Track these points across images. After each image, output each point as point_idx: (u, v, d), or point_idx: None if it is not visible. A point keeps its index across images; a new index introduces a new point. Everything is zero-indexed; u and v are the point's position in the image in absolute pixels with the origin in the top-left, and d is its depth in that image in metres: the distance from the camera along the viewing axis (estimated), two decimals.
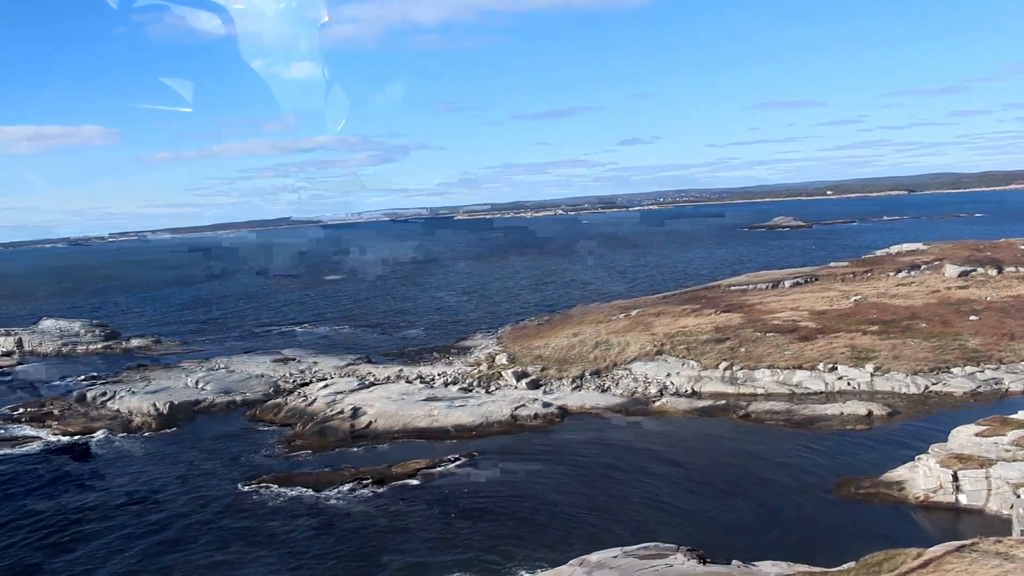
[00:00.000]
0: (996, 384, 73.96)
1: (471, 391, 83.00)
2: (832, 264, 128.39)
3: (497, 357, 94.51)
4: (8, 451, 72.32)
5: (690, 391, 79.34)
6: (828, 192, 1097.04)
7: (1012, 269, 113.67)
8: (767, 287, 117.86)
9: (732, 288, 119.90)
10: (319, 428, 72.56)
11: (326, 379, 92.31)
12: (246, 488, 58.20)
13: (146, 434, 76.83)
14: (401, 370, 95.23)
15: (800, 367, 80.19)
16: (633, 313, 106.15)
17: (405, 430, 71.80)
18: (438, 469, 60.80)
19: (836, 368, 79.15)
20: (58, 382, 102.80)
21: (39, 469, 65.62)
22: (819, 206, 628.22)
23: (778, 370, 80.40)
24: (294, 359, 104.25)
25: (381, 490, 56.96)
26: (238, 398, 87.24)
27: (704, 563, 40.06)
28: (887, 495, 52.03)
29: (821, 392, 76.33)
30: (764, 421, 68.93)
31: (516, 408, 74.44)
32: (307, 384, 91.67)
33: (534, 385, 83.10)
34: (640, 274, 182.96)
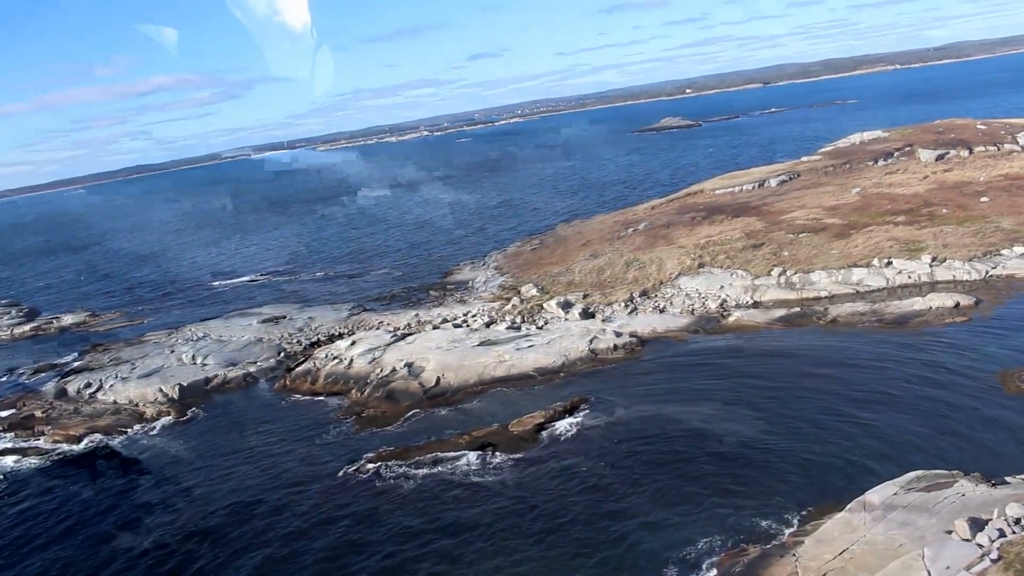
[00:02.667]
0: None
1: (519, 329, 76.44)
2: (804, 159, 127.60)
3: (523, 288, 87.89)
4: (14, 466, 60.71)
5: (751, 302, 75.91)
6: (687, 90, 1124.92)
7: (982, 148, 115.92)
8: (753, 187, 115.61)
9: (718, 192, 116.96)
10: (384, 393, 64.42)
11: (340, 335, 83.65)
12: (362, 473, 50.26)
13: (170, 425, 66.22)
14: (417, 315, 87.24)
15: (855, 265, 78.08)
16: (641, 227, 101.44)
17: (482, 381, 64.82)
18: (563, 422, 54.61)
19: (891, 263, 77.49)
20: (4, 377, 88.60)
21: (81, 491, 54.59)
22: (691, 104, 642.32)
23: (834, 270, 77.98)
24: (283, 317, 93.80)
25: (520, 455, 50.44)
26: (251, 369, 77.23)
27: (994, 486, 36.57)
28: None
29: (883, 288, 74.58)
30: (856, 324, 66.25)
31: (591, 342, 68.71)
32: (317, 344, 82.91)
33: (587, 314, 77.40)
34: (587, 187, 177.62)
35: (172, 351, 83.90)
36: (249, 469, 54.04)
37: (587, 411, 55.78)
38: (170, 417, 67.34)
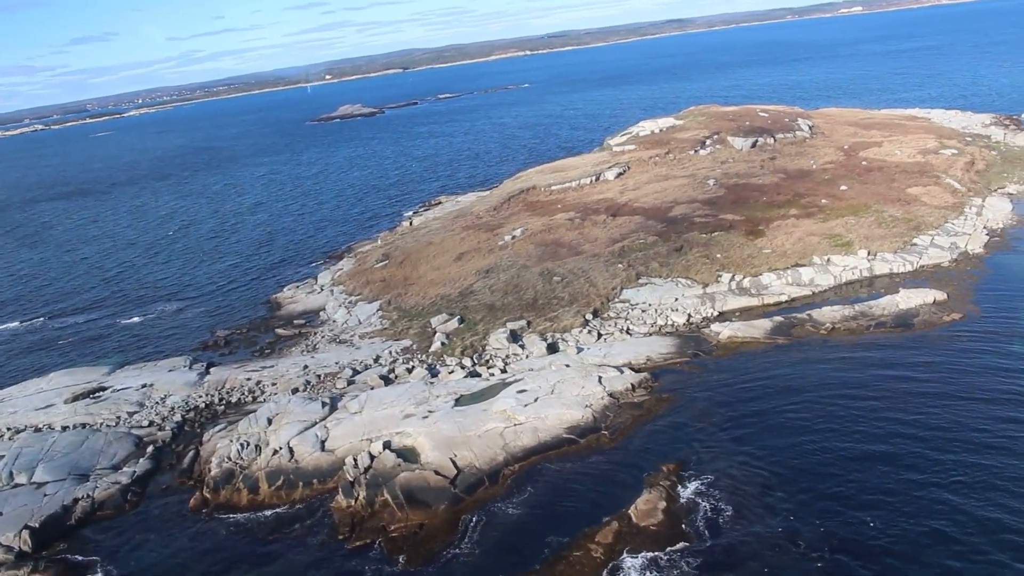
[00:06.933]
0: (958, 248, 77.54)
1: (479, 374, 61.99)
2: (617, 149, 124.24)
3: (435, 320, 72.35)
4: None
5: (715, 313, 69.36)
6: (327, 76, 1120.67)
7: (782, 135, 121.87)
8: (591, 181, 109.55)
9: (554, 188, 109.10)
10: (397, 494, 46.51)
11: (208, 407, 62.20)
12: None
13: None
14: (306, 367, 68.05)
15: (798, 264, 75.26)
16: (517, 234, 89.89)
17: (513, 456, 49.98)
18: (686, 496, 43.01)
19: (830, 259, 75.82)
20: None
21: None
22: (346, 89, 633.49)
23: (781, 272, 74.43)
24: (101, 388, 68.05)
25: (695, 555, 38.08)
26: (122, 479, 53.22)
27: None
28: None
29: (831, 286, 72.66)
30: (860, 331, 62.61)
31: (602, 382, 56.98)
32: (187, 425, 60.71)
33: (551, 348, 65.02)
34: (360, 190, 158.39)
35: None
36: None
37: (702, 476, 44.90)
38: None
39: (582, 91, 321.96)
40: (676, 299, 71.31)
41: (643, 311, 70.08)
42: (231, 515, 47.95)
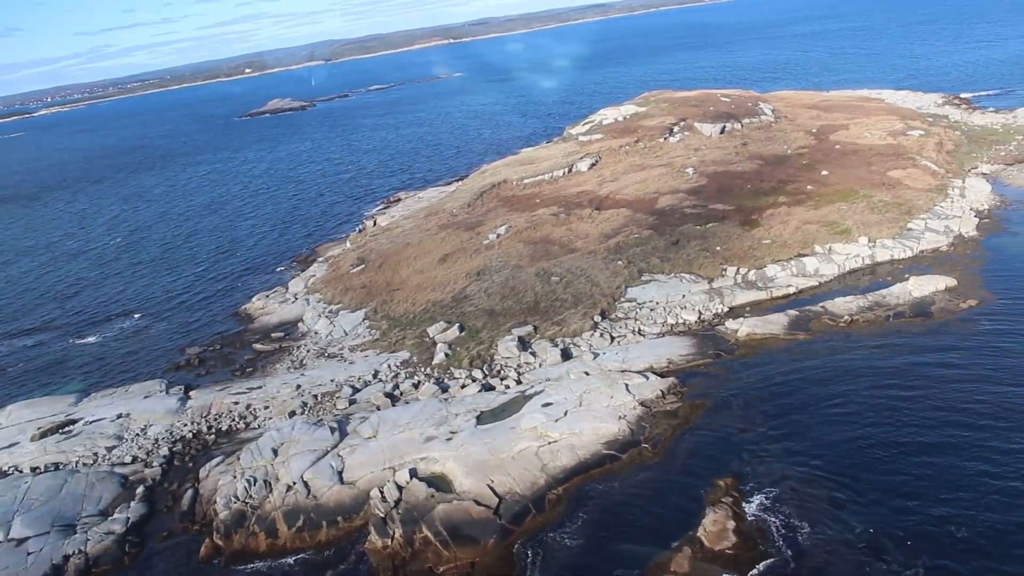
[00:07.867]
0: (952, 232, 77.04)
1: (493, 387, 58.29)
2: (583, 139, 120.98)
3: (432, 329, 68.22)
4: None
5: (725, 309, 67.10)
6: (247, 70, 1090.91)
7: (748, 120, 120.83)
8: (564, 173, 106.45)
9: (527, 181, 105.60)
10: (439, 530, 42.69)
11: (195, 436, 56.93)
12: None
13: None
14: (299, 388, 63.24)
15: (800, 255, 73.62)
16: (502, 232, 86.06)
17: (555, 479, 46.51)
18: (752, 513, 40.33)
19: (832, 248, 74.37)
20: None
21: None
22: (270, 83, 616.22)
23: (784, 263, 72.66)
24: (71, 421, 61.94)
25: None
26: (114, 528, 47.85)
27: None
28: None
29: (836, 276, 71.27)
30: (880, 322, 61.11)
31: (630, 391, 53.96)
32: (175, 459, 55.48)
33: (565, 355, 61.64)
34: (322, 185, 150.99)
35: None
36: None
37: (764, 488, 42.64)
38: None
39: (519, 79, 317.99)
40: (683, 296, 68.81)
41: (652, 310, 67.36)
42: (250, 564, 43.36)
